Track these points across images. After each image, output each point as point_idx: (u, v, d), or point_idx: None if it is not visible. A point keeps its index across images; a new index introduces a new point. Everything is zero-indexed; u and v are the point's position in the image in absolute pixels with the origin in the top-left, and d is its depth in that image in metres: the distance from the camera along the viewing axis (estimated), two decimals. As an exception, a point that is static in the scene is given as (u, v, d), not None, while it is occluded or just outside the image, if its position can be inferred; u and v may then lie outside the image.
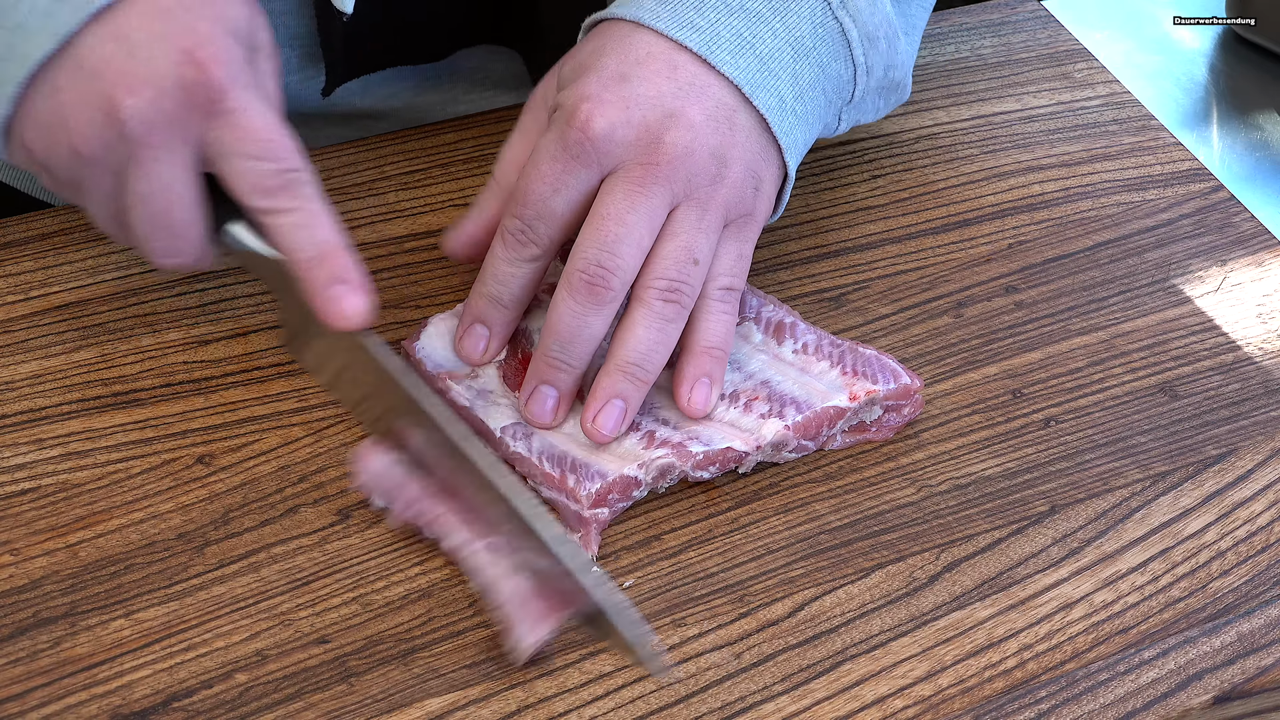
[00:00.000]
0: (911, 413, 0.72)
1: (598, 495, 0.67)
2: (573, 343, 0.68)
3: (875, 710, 0.62)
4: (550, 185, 0.69)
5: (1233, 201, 0.85)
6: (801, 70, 0.72)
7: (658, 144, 0.68)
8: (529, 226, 0.69)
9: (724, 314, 0.70)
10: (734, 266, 0.71)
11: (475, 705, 0.62)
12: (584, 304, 0.68)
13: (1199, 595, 0.67)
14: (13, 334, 0.73)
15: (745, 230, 0.71)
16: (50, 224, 0.78)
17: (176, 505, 0.67)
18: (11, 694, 0.61)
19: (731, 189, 0.70)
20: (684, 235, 0.69)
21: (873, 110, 0.80)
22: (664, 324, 0.69)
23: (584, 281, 0.68)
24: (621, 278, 0.68)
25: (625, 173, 0.68)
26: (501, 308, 0.71)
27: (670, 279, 0.68)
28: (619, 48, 0.70)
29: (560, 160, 0.68)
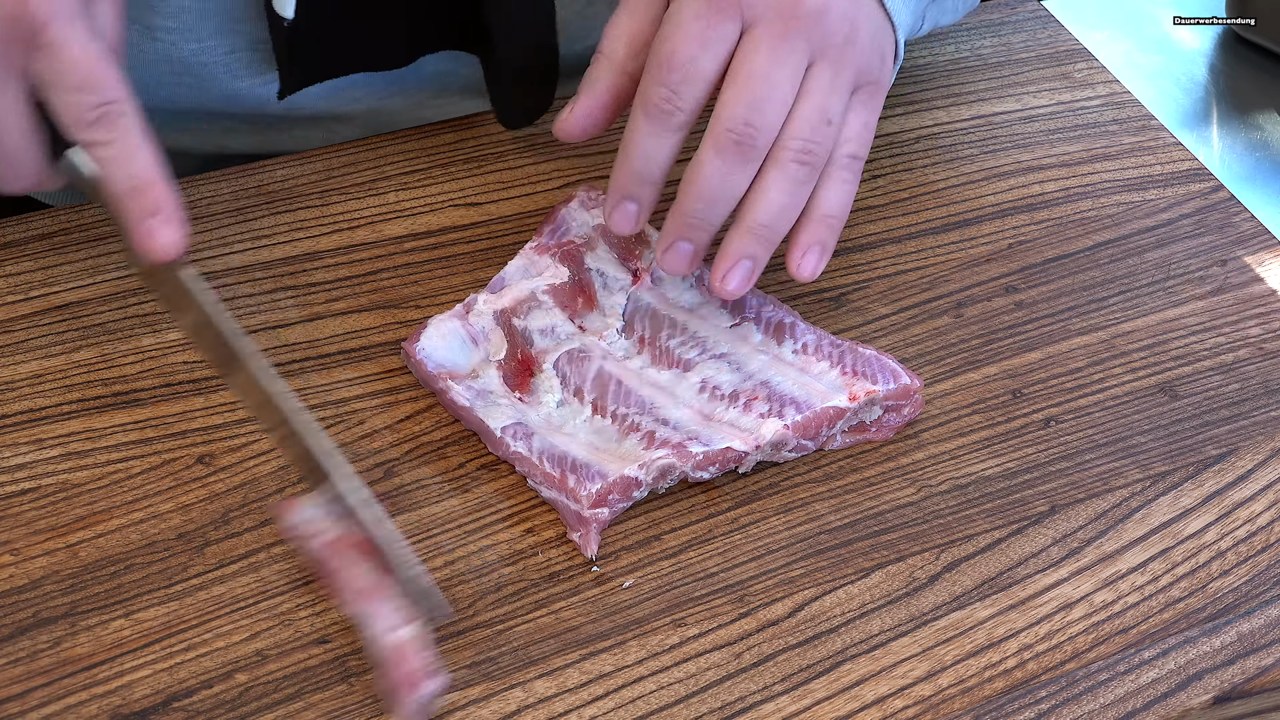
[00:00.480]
0: (911, 413, 0.72)
1: (598, 495, 0.67)
2: (717, 201, 0.69)
3: (875, 710, 0.62)
4: (699, 43, 0.69)
5: (1233, 201, 0.85)
6: None
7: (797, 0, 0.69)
8: (675, 93, 0.69)
9: (845, 182, 0.71)
10: (861, 134, 0.71)
11: (475, 705, 0.62)
12: (731, 163, 0.68)
13: (1199, 595, 0.67)
14: (13, 334, 0.73)
15: (874, 99, 0.72)
16: (50, 224, 0.78)
17: (176, 505, 0.67)
18: (11, 694, 0.61)
19: (861, 53, 0.70)
20: (818, 94, 0.69)
21: (950, 11, 0.80)
22: (795, 186, 0.69)
23: (732, 141, 0.68)
24: (767, 135, 0.68)
25: (767, 27, 0.69)
26: (650, 184, 0.71)
27: (805, 138, 0.69)
28: None
29: (705, 17, 0.69)
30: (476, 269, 0.77)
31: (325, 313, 0.75)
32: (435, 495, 0.68)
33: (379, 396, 0.72)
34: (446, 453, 0.70)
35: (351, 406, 0.71)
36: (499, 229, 0.80)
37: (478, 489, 0.69)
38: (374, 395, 0.72)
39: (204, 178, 0.81)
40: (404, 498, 0.68)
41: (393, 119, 0.89)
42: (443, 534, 0.67)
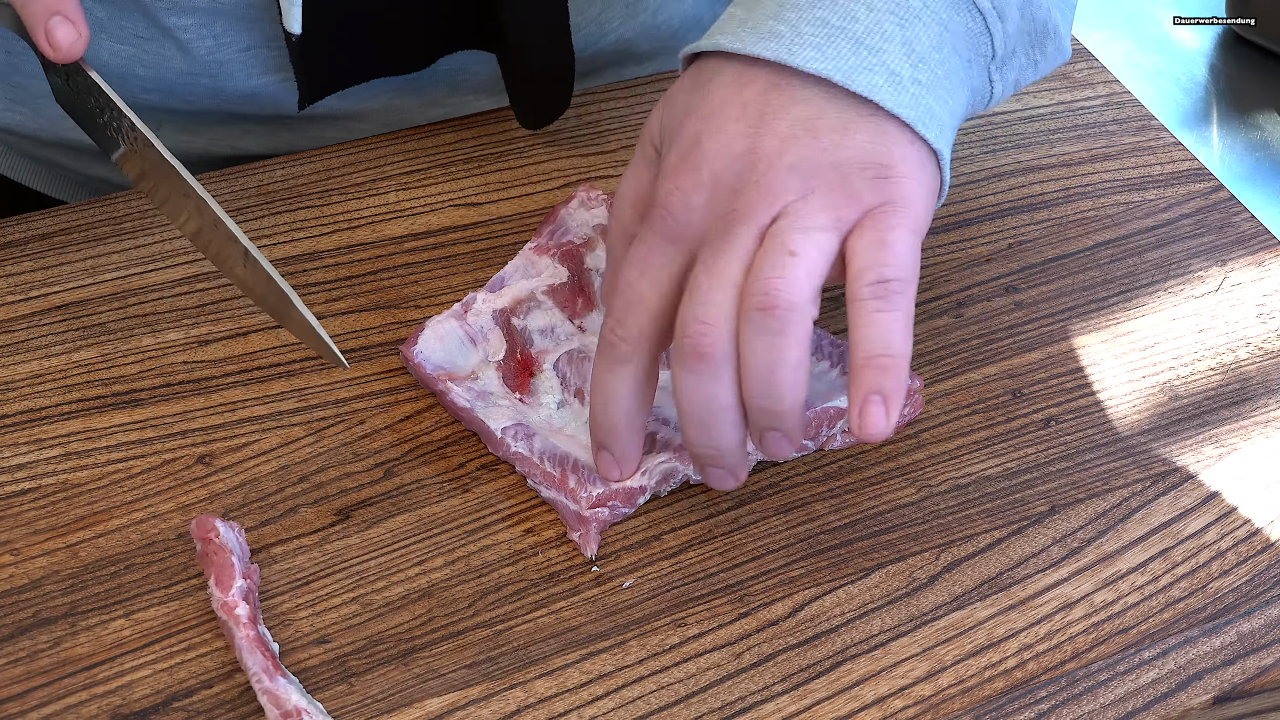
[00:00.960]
0: (911, 413, 0.72)
1: (599, 498, 0.67)
2: (708, 423, 0.63)
3: (875, 710, 0.62)
4: (638, 268, 0.65)
5: (1233, 201, 0.85)
6: (915, 35, 0.65)
7: (733, 193, 0.64)
8: (619, 322, 0.65)
9: (877, 313, 0.61)
10: (880, 256, 0.62)
11: (475, 705, 0.62)
12: (697, 372, 0.62)
13: (1199, 595, 0.67)
14: (13, 334, 0.73)
15: (885, 220, 0.63)
16: (50, 224, 0.78)
17: (176, 505, 0.67)
18: (11, 694, 0.61)
19: (829, 192, 0.63)
20: (775, 237, 0.62)
21: (1030, 65, 0.72)
22: (771, 339, 0.61)
23: (690, 349, 0.62)
24: (722, 328, 0.62)
25: (709, 231, 0.64)
26: (615, 431, 0.66)
27: (764, 279, 0.61)
28: (696, 103, 0.66)
29: (646, 241, 0.65)
30: (476, 269, 0.77)
31: (325, 313, 0.75)
32: (435, 495, 0.68)
33: (379, 396, 0.72)
34: (446, 453, 0.70)
35: (351, 406, 0.71)
36: (499, 229, 0.80)
37: (478, 489, 0.69)
38: (374, 395, 0.72)
39: (204, 177, 0.81)
40: (404, 498, 0.68)
41: (408, 117, 0.89)
42: (443, 534, 0.67)
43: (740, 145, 0.64)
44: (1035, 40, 0.71)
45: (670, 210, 0.64)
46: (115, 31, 0.81)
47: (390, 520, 0.67)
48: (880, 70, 0.64)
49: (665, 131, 0.68)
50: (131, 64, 0.82)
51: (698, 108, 0.66)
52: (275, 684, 0.60)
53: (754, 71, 0.65)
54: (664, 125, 0.68)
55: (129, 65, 0.82)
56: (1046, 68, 0.74)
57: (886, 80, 0.64)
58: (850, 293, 0.62)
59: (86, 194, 0.94)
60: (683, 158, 0.65)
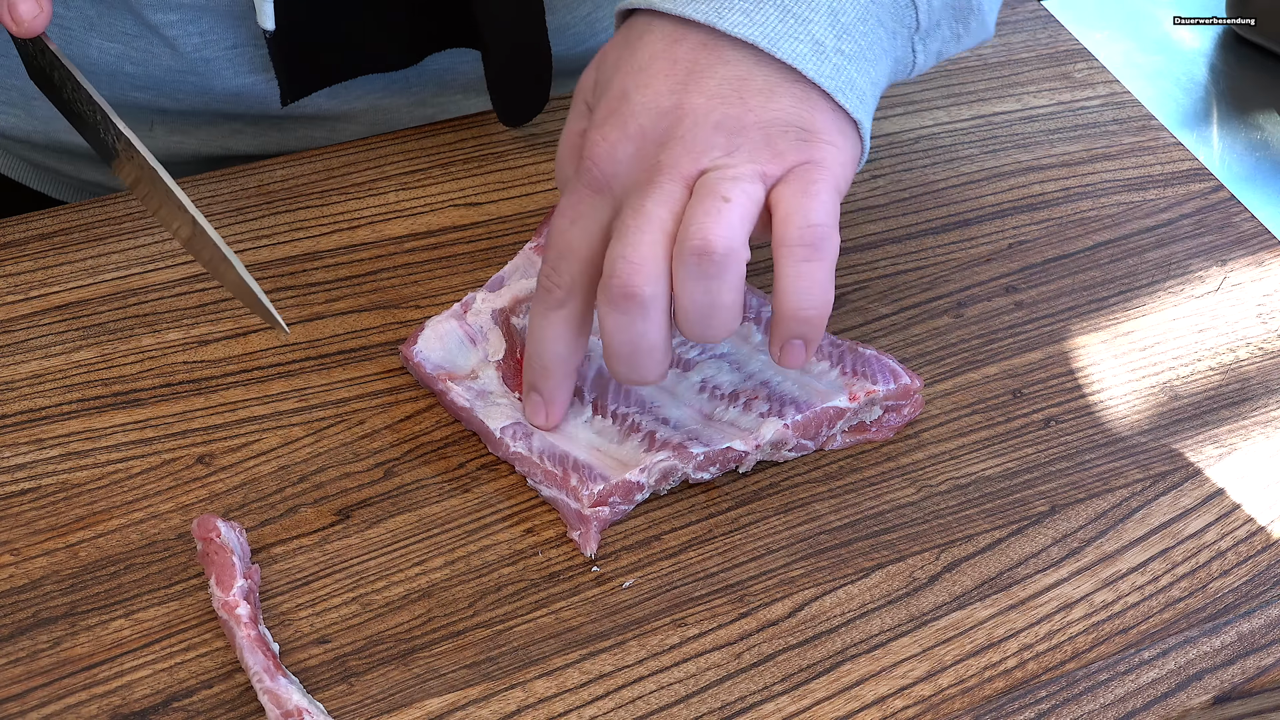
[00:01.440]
0: (911, 413, 0.72)
1: (599, 496, 0.67)
2: (635, 361, 0.65)
3: (875, 710, 0.62)
4: (568, 217, 0.67)
5: (1233, 201, 0.85)
6: (841, 6, 0.67)
7: (659, 146, 0.66)
8: (553, 269, 0.67)
9: (806, 261, 0.64)
10: (805, 204, 0.64)
11: (475, 705, 0.62)
12: (626, 311, 0.64)
13: (1199, 595, 0.67)
14: (13, 334, 0.73)
15: (807, 175, 0.65)
16: (50, 224, 0.78)
17: (176, 505, 0.67)
18: (11, 694, 0.61)
19: (753, 149, 0.65)
20: (703, 188, 0.64)
21: (954, 38, 0.75)
22: (707, 283, 0.63)
23: (618, 289, 0.64)
24: (650, 269, 0.64)
25: (635, 182, 0.66)
26: (546, 373, 0.68)
27: (696, 224, 0.63)
28: (626, 58, 0.68)
29: (576, 192, 0.67)
30: (476, 269, 0.78)
31: (325, 313, 0.75)
32: (435, 495, 0.68)
33: (379, 396, 0.72)
34: (446, 453, 0.70)
35: (351, 406, 0.71)
36: (499, 229, 0.80)
37: (478, 489, 0.69)
38: (374, 395, 0.72)
39: (204, 178, 0.81)
40: (404, 498, 0.68)
41: (396, 117, 0.89)
42: (443, 534, 0.67)
43: (667, 101, 0.66)
44: (959, 15, 0.74)
45: (597, 162, 0.66)
46: (104, 29, 0.81)
47: (390, 520, 0.67)
48: (805, 39, 0.66)
49: (598, 87, 0.69)
50: (121, 61, 0.83)
51: (627, 63, 0.67)
52: (276, 684, 0.60)
53: (684, 30, 0.67)
54: (597, 81, 0.69)
55: (118, 63, 0.83)
56: (969, 42, 0.76)
57: (811, 49, 0.66)
58: (778, 238, 0.64)
59: (83, 197, 0.94)
60: (611, 111, 0.67)
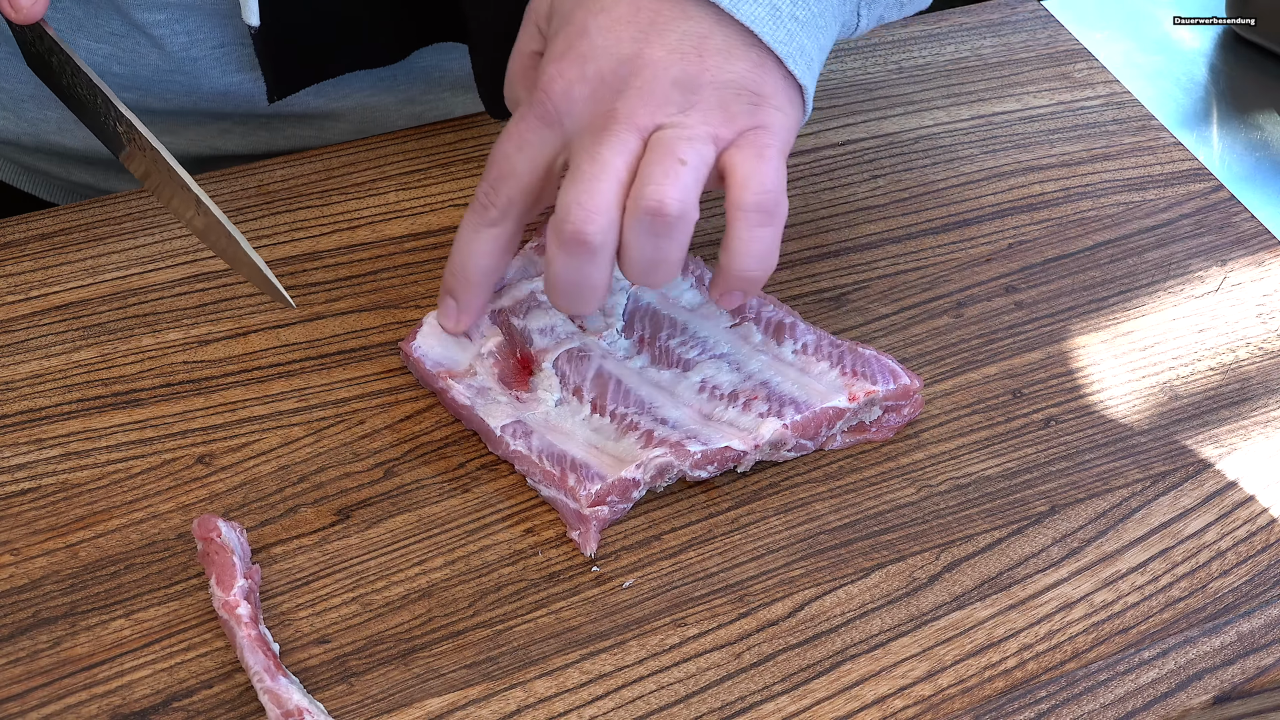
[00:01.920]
0: (911, 413, 0.72)
1: (597, 495, 0.67)
2: (577, 295, 0.67)
3: (875, 710, 0.62)
4: (514, 143, 0.68)
5: (1233, 201, 0.85)
6: None
7: (615, 93, 0.66)
8: (492, 188, 0.69)
9: (761, 227, 0.66)
10: (759, 169, 0.66)
11: (475, 705, 0.62)
12: (575, 255, 0.65)
13: (1199, 595, 0.67)
14: (13, 334, 0.73)
15: (758, 141, 0.66)
16: (50, 224, 0.78)
17: (176, 505, 0.67)
18: (11, 694, 0.61)
19: (708, 110, 0.66)
20: (659, 146, 0.65)
21: (895, 4, 0.77)
22: (656, 240, 0.65)
23: (571, 233, 0.65)
24: (603, 217, 0.65)
25: (588, 125, 0.67)
26: (466, 282, 0.70)
27: (656, 184, 0.64)
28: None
29: (525, 120, 0.68)
30: (476, 269, 0.77)
31: (325, 313, 0.75)
32: (435, 495, 0.68)
33: (379, 396, 0.72)
34: (446, 453, 0.70)
35: (351, 406, 0.71)
36: (499, 229, 0.80)
37: (478, 489, 0.69)
38: (374, 395, 0.72)
39: (203, 178, 0.81)
40: (404, 498, 0.68)
41: (384, 115, 0.89)
42: (443, 534, 0.67)
43: (629, 48, 0.67)
44: None
45: (551, 96, 0.67)
46: (91, 29, 0.82)
47: (390, 520, 0.67)
48: (764, 3, 0.68)
49: (553, 15, 0.70)
50: (109, 62, 0.83)
51: (586, 2, 0.68)
52: (277, 683, 0.60)
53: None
54: (554, 9, 0.70)
55: (106, 63, 0.83)
56: (910, 9, 0.79)
57: (768, 14, 0.68)
58: (734, 201, 0.66)
59: (74, 198, 0.94)
60: (569, 46, 0.67)
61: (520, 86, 0.72)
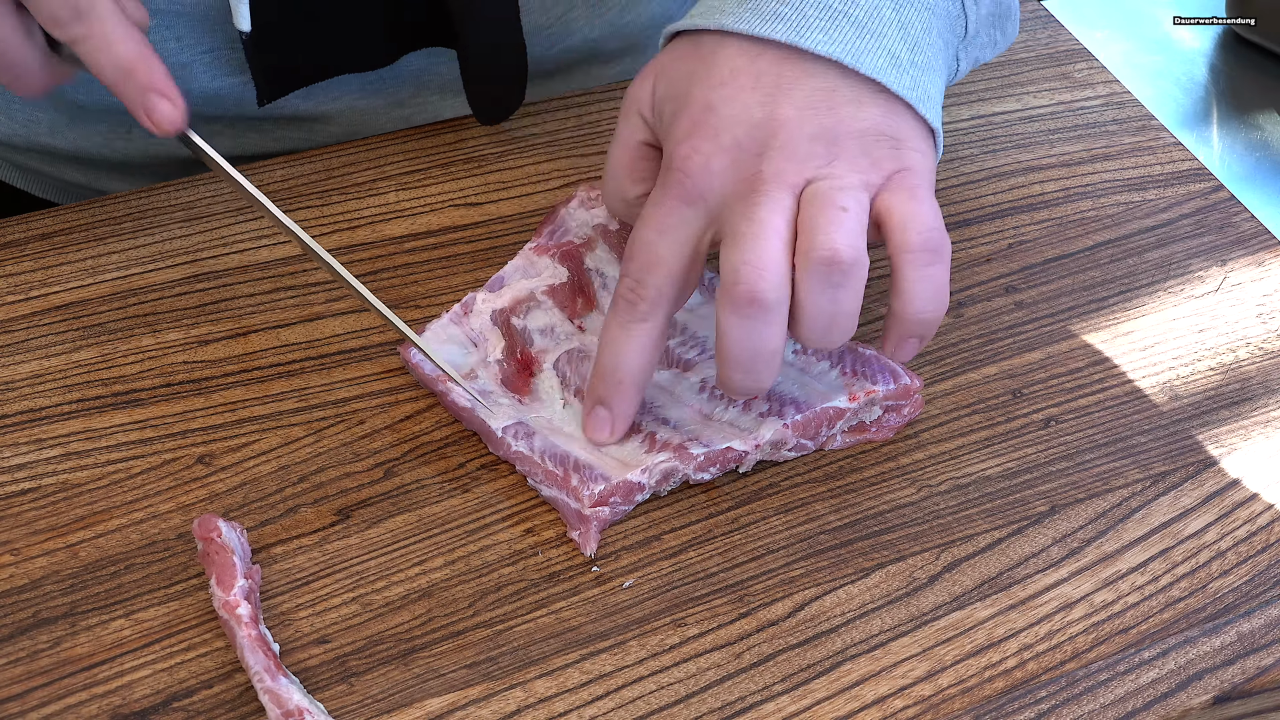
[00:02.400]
0: (911, 413, 0.72)
1: (600, 496, 0.67)
2: (755, 363, 0.65)
3: (875, 710, 0.62)
4: (655, 229, 0.66)
5: (1233, 201, 0.85)
6: (909, 19, 0.69)
7: (755, 157, 0.65)
8: (638, 281, 0.66)
9: (930, 265, 0.66)
10: (918, 210, 0.66)
11: (475, 705, 0.62)
12: (749, 316, 0.64)
13: (1199, 595, 0.67)
14: (13, 334, 0.73)
15: (907, 182, 0.67)
16: (50, 224, 0.78)
17: (176, 505, 0.67)
18: (11, 694, 0.61)
19: (854, 158, 0.66)
20: (819, 198, 0.65)
21: (990, 45, 0.77)
22: (833, 291, 0.64)
23: (744, 295, 0.63)
24: (775, 274, 0.64)
25: (734, 196, 0.66)
26: (618, 385, 0.67)
27: (825, 234, 0.64)
28: (704, 72, 0.68)
29: (664, 205, 0.66)
30: (476, 269, 0.78)
31: (325, 313, 0.75)
32: (435, 495, 0.68)
33: (379, 396, 0.72)
34: (446, 453, 0.70)
35: (351, 406, 0.71)
36: (499, 229, 0.80)
37: (478, 489, 0.69)
38: (374, 395, 0.72)
39: (204, 178, 0.81)
40: (404, 498, 0.68)
41: (373, 118, 0.89)
42: (443, 534, 0.67)
43: (759, 113, 0.66)
44: (998, 22, 0.76)
45: (689, 173, 0.66)
46: None
47: (390, 520, 0.67)
48: (883, 53, 0.67)
49: (663, 100, 0.69)
50: None
51: (704, 77, 0.67)
52: (277, 683, 0.60)
53: (762, 46, 0.67)
54: (660, 95, 0.69)
55: None
56: (1002, 47, 0.78)
57: (889, 63, 0.68)
58: (898, 244, 0.66)
59: (68, 197, 0.94)
60: (697, 123, 0.66)
61: (625, 178, 0.71)
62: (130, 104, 0.68)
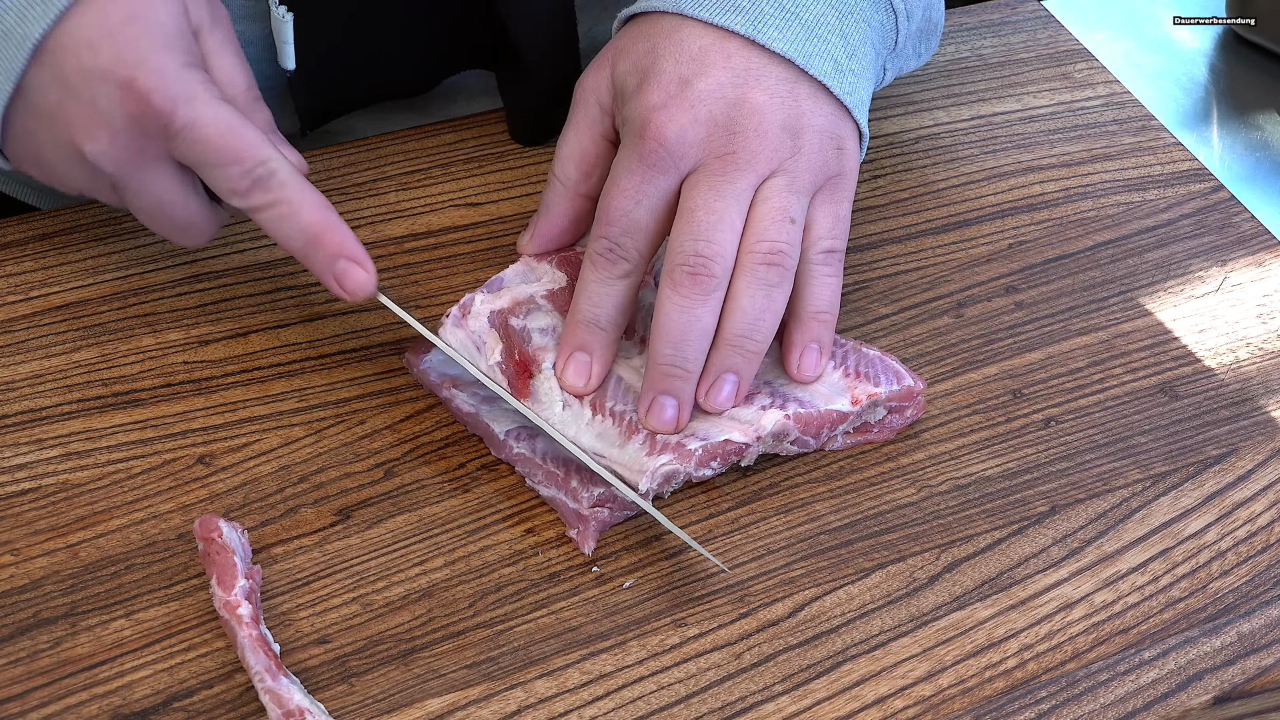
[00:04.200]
0: (914, 415, 0.72)
1: (599, 498, 0.67)
2: (685, 341, 0.68)
3: (875, 710, 0.62)
4: (632, 198, 0.69)
5: (1233, 201, 0.85)
6: (849, 28, 0.72)
7: (730, 135, 0.69)
8: (617, 244, 0.69)
9: (828, 277, 0.71)
10: (833, 228, 0.71)
11: (475, 705, 0.62)
12: (689, 296, 0.67)
13: (1199, 595, 0.67)
14: (13, 334, 0.73)
15: (838, 191, 0.71)
16: (50, 224, 0.78)
17: (176, 505, 0.67)
18: (11, 694, 0.61)
19: (812, 155, 0.70)
20: (774, 199, 0.69)
21: (914, 56, 0.81)
22: (769, 290, 0.68)
23: (686, 274, 0.67)
24: (722, 263, 0.68)
25: (705, 168, 0.69)
26: (599, 330, 0.70)
27: (769, 240, 0.68)
28: (672, 47, 0.70)
29: (638, 172, 0.69)
30: (476, 269, 0.78)
31: (325, 313, 0.75)
32: (435, 495, 0.68)
33: (379, 396, 0.72)
34: (446, 453, 0.70)
35: (352, 406, 0.71)
36: (499, 229, 0.80)
37: (478, 489, 0.69)
38: (374, 395, 0.72)
39: (204, 178, 0.81)
40: (404, 498, 0.68)
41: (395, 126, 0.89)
42: (443, 534, 0.67)
43: (732, 93, 0.69)
44: (924, 36, 0.81)
45: (664, 142, 0.69)
46: None
47: (390, 520, 0.67)
48: (828, 58, 0.71)
49: (625, 75, 0.71)
50: None
51: (673, 51, 0.70)
52: (278, 683, 0.60)
53: (723, 32, 0.70)
54: (622, 71, 0.71)
55: None
56: (925, 58, 0.84)
57: (833, 67, 0.72)
58: (805, 254, 0.70)
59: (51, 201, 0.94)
60: (670, 95, 0.69)
61: (576, 169, 0.73)
62: (319, 271, 0.68)
